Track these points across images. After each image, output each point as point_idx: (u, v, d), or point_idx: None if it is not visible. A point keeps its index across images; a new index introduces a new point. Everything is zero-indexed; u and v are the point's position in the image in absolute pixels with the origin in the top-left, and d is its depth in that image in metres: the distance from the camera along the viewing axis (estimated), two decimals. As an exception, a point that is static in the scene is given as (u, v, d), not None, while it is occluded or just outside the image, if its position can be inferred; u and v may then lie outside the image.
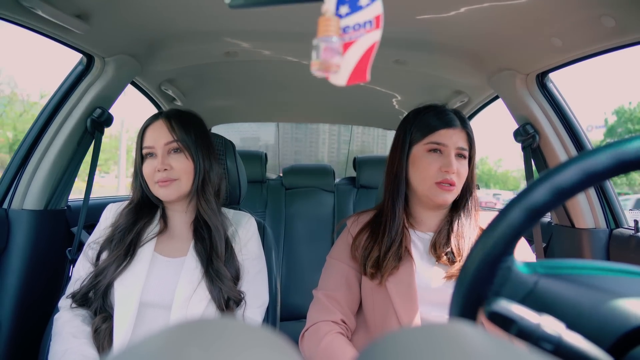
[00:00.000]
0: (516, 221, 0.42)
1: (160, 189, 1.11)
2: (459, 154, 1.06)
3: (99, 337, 1.03)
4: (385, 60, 1.55)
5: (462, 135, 1.07)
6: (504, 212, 0.43)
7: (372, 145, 5.13)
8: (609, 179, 0.42)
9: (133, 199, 1.18)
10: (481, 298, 0.43)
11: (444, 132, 1.06)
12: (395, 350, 0.26)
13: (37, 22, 1.08)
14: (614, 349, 0.38)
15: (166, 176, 1.10)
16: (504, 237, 0.43)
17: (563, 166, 0.41)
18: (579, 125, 1.43)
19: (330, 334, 1.00)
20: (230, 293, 1.08)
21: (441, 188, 1.04)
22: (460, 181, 1.06)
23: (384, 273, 1.02)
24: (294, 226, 2.31)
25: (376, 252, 1.05)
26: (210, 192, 1.16)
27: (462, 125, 1.08)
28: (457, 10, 1.12)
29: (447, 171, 1.03)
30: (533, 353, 0.25)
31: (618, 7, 0.97)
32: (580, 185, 0.41)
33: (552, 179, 0.42)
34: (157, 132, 1.13)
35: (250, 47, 1.48)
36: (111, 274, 1.05)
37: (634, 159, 0.40)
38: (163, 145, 1.12)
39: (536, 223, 0.43)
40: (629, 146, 0.40)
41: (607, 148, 0.40)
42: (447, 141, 1.05)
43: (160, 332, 0.24)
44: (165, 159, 1.11)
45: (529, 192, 0.42)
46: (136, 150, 1.17)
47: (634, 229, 1.33)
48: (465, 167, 1.07)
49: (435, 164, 1.05)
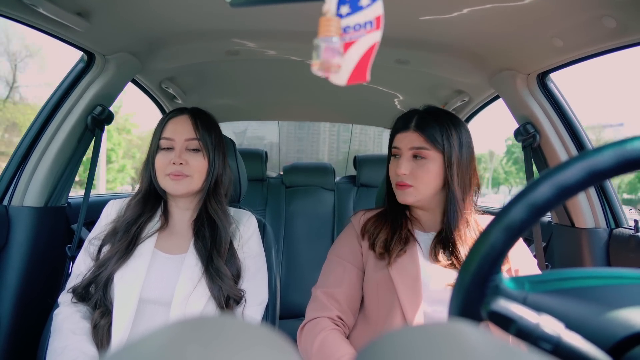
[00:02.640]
0: (497, 241, 0.42)
1: (171, 182, 1.11)
2: (415, 154, 1.07)
3: (98, 333, 1.03)
4: (387, 60, 1.55)
5: (416, 136, 1.06)
6: (485, 233, 0.43)
7: (369, 144, 5.28)
8: (613, 177, 0.42)
9: (140, 189, 1.18)
10: (475, 314, 0.43)
11: (399, 135, 1.10)
12: (394, 349, 0.26)
13: (38, 19, 1.08)
14: (612, 351, 0.38)
15: (180, 170, 1.11)
16: (487, 257, 0.43)
17: (567, 164, 0.41)
18: (579, 125, 1.44)
19: (326, 330, 1.01)
20: (230, 292, 1.09)
21: (398, 189, 1.09)
22: (418, 181, 1.06)
23: (392, 254, 1.05)
24: (294, 224, 2.32)
25: (384, 235, 1.09)
26: (222, 194, 1.19)
27: (418, 126, 1.07)
28: (459, 10, 1.12)
29: (396, 173, 1.08)
30: (532, 353, 0.25)
31: (619, 7, 0.97)
32: (555, 201, 0.41)
33: (527, 197, 0.41)
34: (181, 126, 1.14)
35: (251, 45, 1.48)
36: (112, 265, 1.05)
37: (606, 169, 0.39)
38: (183, 141, 1.12)
39: (538, 220, 0.43)
40: (634, 145, 0.40)
41: (611, 147, 0.40)
42: (399, 144, 1.09)
43: (160, 330, 0.24)
44: (182, 153, 1.12)
45: (506, 212, 0.42)
46: (153, 140, 1.16)
47: (634, 228, 1.33)
48: (424, 167, 1.06)
49: (393, 167, 1.11)
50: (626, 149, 0.39)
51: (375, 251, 1.08)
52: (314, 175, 2.46)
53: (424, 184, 1.06)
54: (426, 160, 1.06)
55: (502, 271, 0.44)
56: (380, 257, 1.07)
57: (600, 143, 1.51)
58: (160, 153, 1.13)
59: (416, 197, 1.07)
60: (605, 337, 0.39)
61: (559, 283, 0.43)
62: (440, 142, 1.06)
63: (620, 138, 0.41)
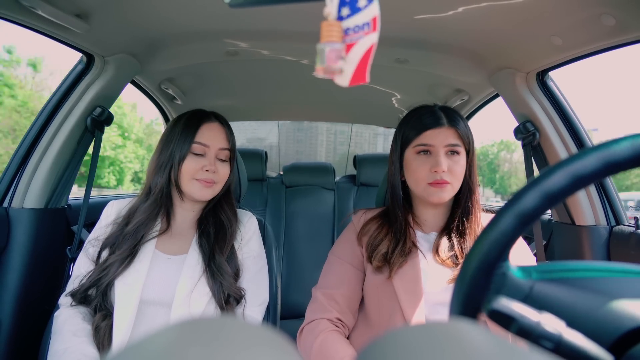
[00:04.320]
0: (508, 228, 0.42)
1: (200, 187, 1.12)
2: (451, 150, 1.06)
3: (99, 335, 1.03)
4: (386, 59, 1.55)
5: (451, 132, 1.06)
6: (496, 219, 0.43)
7: (364, 145, 5.44)
8: (599, 180, 0.42)
9: (153, 191, 1.14)
10: (479, 304, 0.43)
11: (429, 132, 1.06)
12: (395, 348, 0.26)
13: (37, 21, 1.08)
14: (613, 348, 0.38)
15: (212, 178, 1.13)
16: (497, 243, 0.43)
17: (583, 154, 0.41)
18: (579, 123, 1.44)
19: (326, 332, 1.01)
20: (231, 289, 1.09)
21: (434, 187, 1.05)
22: (455, 178, 1.06)
23: (393, 267, 1.03)
24: (294, 224, 2.31)
25: (384, 247, 1.07)
26: (232, 197, 1.24)
27: (450, 122, 1.07)
28: (458, 9, 1.12)
29: (436, 171, 1.04)
30: (533, 351, 0.25)
31: (618, 5, 0.97)
32: (569, 190, 0.41)
33: (541, 184, 0.41)
34: (216, 133, 1.15)
35: (250, 46, 1.48)
36: (114, 271, 1.05)
37: (622, 160, 0.40)
38: (217, 149, 1.14)
39: (528, 228, 0.43)
40: (617, 147, 0.40)
41: (595, 150, 0.40)
42: (433, 141, 1.06)
43: (160, 331, 0.24)
44: (215, 161, 1.14)
45: (519, 199, 0.42)
46: (179, 141, 1.12)
47: (634, 226, 1.33)
48: (459, 163, 1.06)
49: (425, 165, 1.06)
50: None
51: (373, 264, 1.06)
52: (314, 175, 2.46)
53: (459, 180, 1.07)
54: (459, 157, 1.07)
55: (509, 259, 0.44)
56: (377, 270, 1.05)
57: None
58: (191, 157, 1.12)
59: (451, 195, 1.07)
60: (608, 329, 0.39)
61: (565, 273, 0.44)
62: (467, 137, 1.08)
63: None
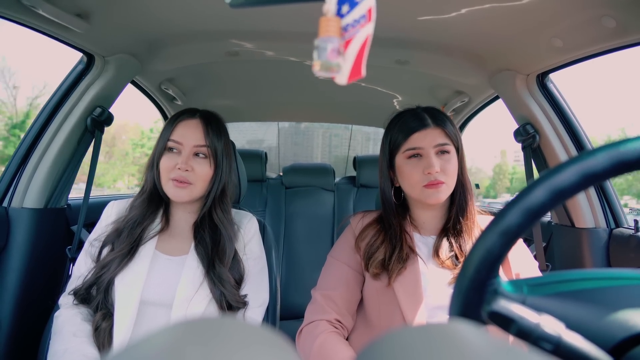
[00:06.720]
0: (514, 223, 0.42)
1: (173, 188, 1.08)
2: (441, 150, 1.06)
3: (99, 336, 1.03)
4: (387, 60, 1.55)
5: (438, 132, 1.06)
6: (498, 215, 0.43)
7: (357, 148, 5.55)
8: (608, 179, 0.42)
9: (145, 189, 1.14)
10: (474, 318, 0.43)
11: (416, 135, 1.06)
12: (394, 350, 0.26)
13: (37, 20, 1.08)
14: (612, 352, 0.38)
15: (184, 177, 1.07)
16: (499, 241, 0.43)
17: (560, 168, 0.41)
18: (579, 125, 1.44)
19: (325, 333, 1.01)
20: (232, 298, 1.08)
21: (430, 189, 1.04)
22: (449, 177, 1.06)
23: (392, 274, 1.03)
24: (294, 225, 2.31)
25: (381, 254, 1.06)
26: (228, 202, 1.16)
27: (435, 122, 1.07)
28: (458, 11, 1.12)
29: (429, 172, 1.03)
30: (532, 353, 0.25)
31: (619, 7, 0.97)
32: (578, 187, 0.41)
33: (550, 180, 0.41)
34: (191, 130, 1.10)
35: (250, 47, 1.48)
36: (114, 268, 1.05)
37: (633, 160, 0.40)
38: (192, 146, 1.09)
39: (535, 224, 0.43)
40: (628, 147, 0.40)
41: (605, 149, 0.40)
42: (421, 143, 1.05)
43: (160, 331, 0.24)
44: (189, 159, 1.08)
45: (527, 194, 0.42)
46: (159, 140, 1.13)
47: (634, 228, 1.33)
48: (451, 162, 1.06)
49: (418, 168, 1.05)
50: (620, 151, 0.40)
51: (370, 272, 1.05)
52: (314, 176, 2.46)
53: (452, 178, 1.07)
54: (450, 155, 1.07)
55: (500, 275, 0.44)
56: (375, 277, 1.05)
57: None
58: (166, 155, 1.10)
59: (447, 194, 1.07)
60: (604, 338, 0.39)
61: (557, 286, 0.43)
62: (454, 135, 1.08)
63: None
